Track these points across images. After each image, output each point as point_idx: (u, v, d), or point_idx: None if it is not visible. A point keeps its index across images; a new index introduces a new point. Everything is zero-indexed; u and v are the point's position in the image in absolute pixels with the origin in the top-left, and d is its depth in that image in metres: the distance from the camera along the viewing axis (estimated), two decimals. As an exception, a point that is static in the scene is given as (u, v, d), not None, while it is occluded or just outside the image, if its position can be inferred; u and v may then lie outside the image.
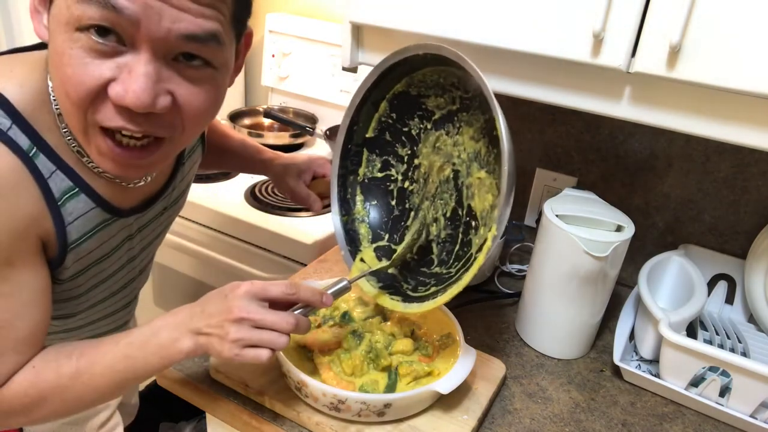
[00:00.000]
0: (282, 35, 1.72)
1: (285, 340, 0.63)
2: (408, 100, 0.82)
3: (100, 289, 0.75)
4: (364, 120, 0.84)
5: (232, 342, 0.61)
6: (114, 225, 0.69)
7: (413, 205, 0.85)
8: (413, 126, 0.83)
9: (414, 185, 0.85)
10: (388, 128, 0.85)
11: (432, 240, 0.82)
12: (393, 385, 0.75)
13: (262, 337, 0.62)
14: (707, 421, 0.83)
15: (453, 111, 0.79)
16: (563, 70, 0.78)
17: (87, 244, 0.66)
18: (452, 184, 0.80)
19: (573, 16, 0.72)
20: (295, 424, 0.74)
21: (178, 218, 1.37)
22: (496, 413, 0.80)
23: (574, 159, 1.15)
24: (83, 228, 0.65)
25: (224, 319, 0.61)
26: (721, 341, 0.92)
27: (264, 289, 0.64)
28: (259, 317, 0.62)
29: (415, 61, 0.76)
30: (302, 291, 0.67)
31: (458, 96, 0.78)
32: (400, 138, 0.84)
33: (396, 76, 0.80)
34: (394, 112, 0.83)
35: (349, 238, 0.86)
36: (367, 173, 0.87)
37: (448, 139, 0.80)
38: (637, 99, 0.74)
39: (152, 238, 0.81)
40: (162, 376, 0.80)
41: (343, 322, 0.84)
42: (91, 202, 0.65)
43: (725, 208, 1.04)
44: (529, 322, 0.95)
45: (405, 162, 0.85)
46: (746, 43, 0.64)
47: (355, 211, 0.87)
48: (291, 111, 1.78)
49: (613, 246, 0.82)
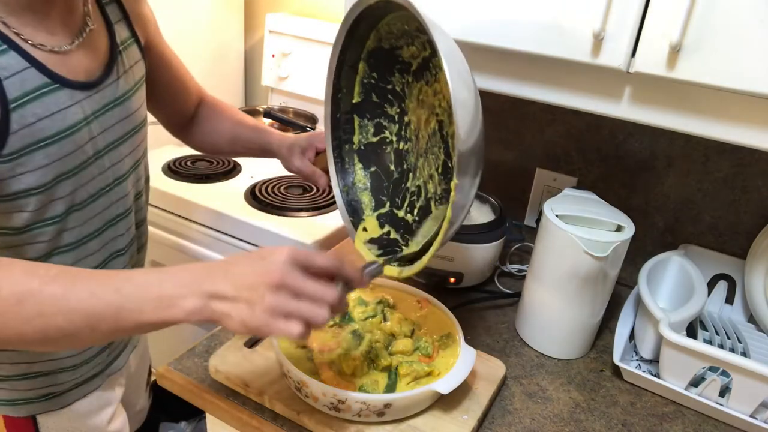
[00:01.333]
0: (282, 35, 1.72)
1: (325, 315, 0.56)
2: (384, 55, 0.79)
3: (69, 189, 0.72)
4: (347, 86, 0.82)
5: (266, 309, 0.54)
6: (60, 93, 0.68)
7: (411, 165, 0.83)
8: (396, 82, 0.81)
9: (408, 144, 0.83)
10: (372, 89, 0.82)
11: (430, 198, 0.80)
12: (393, 385, 0.75)
13: (301, 308, 0.55)
14: (707, 421, 0.83)
15: (426, 57, 0.76)
16: (563, 70, 0.78)
17: (32, 107, 0.65)
18: (438, 136, 0.77)
19: (573, 16, 0.72)
20: (295, 424, 0.74)
21: (178, 218, 1.38)
22: (496, 413, 0.80)
23: (574, 159, 1.15)
24: (21, 87, 0.64)
25: (261, 281, 0.54)
26: (721, 341, 0.92)
27: (309, 257, 0.58)
28: (303, 285, 0.55)
29: (372, 11, 0.72)
30: (348, 269, 0.61)
31: (426, 40, 0.74)
32: (387, 97, 0.82)
33: (362, 33, 0.77)
34: (374, 72, 0.81)
35: (352, 209, 0.85)
36: (362, 140, 0.85)
37: (428, 89, 0.78)
38: (637, 99, 0.74)
39: (114, 137, 0.77)
40: (162, 376, 0.80)
41: (343, 322, 0.84)
42: (23, 60, 0.64)
43: (725, 208, 1.04)
44: (529, 322, 0.95)
45: (396, 121, 0.83)
46: (746, 43, 0.64)
47: (356, 180, 0.86)
48: (291, 111, 1.78)
49: (613, 246, 0.82)
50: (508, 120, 1.18)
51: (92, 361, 0.84)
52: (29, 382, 0.79)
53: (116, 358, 0.90)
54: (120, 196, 0.81)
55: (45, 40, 0.67)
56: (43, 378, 0.80)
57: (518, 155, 1.20)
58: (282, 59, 1.73)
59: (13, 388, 0.79)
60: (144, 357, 1.05)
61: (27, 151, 0.66)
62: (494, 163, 1.23)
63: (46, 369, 0.79)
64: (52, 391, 0.81)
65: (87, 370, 0.84)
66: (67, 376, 0.82)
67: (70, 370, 0.82)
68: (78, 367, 0.82)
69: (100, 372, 0.87)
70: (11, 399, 0.80)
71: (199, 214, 1.35)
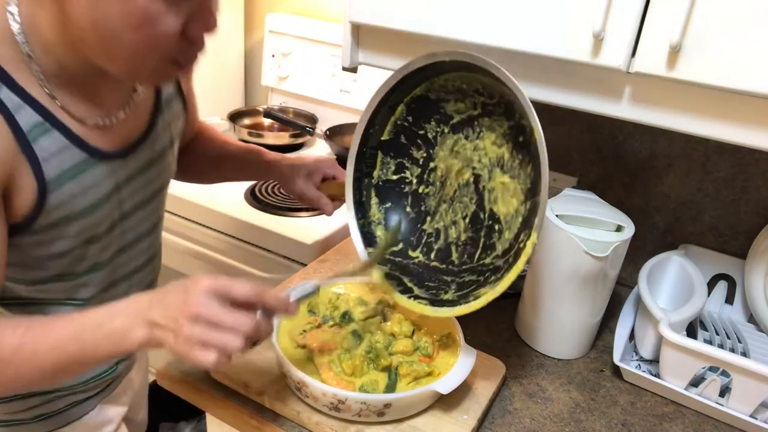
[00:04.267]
0: (282, 35, 1.72)
1: (239, 344, 0.58)
2: (426, 104, 0.81)
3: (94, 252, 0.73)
4: (380, 123, 0.84)
5: (184, 339, 0.57)
6: (97, 169, 0.67)
7: (429, 208, 0.85)
8: (429, 129, 0.83)
9: (430, 188, 0.85)
10: (403, 131, 0.84)
11: (451, 243, 0.82)
12: (393, 385, 0.75)
13: (213, 339, 0.57)
14: (707, 421, 0.83)
15: (473, 116, 0.79)
16: (563, 70, 0.78)
17: (69, 186, 0.64)
18: (472, 188, 0.80)
19: (573, 16, 0.72)
20: (295, 424, 0.74)
21: (178, 218, 1.38)
22: (496, 413, 0.80)
23: (574, 159, 1.15)
24: (61, 166, 0.63)
25: (180, 313, 0.58)
26: (721, 341, 0.92)
27: (227, 288, 0.59)
28: (217, 318, 0.58)
29: (438, 66, 0.75)
30: (267, 297, 0.62)
31: (480, 102, 0.78)
32: (416, 141, 0.84)
33: (416, 80, 0.79)
34: (410, 116, 0.83)
35: (367, 241, 0.86)
36: (381, 176, 0.87)
37: (467, 143, 0.80)
38: (637, 99, 0.74)
39: (143, 197, 0.77)
40: (162, 376, 0.80)
41: (343, 322, 0.84)
42: (65, 139, 0.63)
43: (725, 208, 1.04)
44: (529, 322, 0.95)
45: (420, 165, 0.85)
46: (746, 43, 0.64)
47: (371, 214, 0.87)
48: (291, 111, 1.78)
49: (613, 246, 0.82)
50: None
51: (92, 382, 0.83)
52: (26, 402, 0.78)
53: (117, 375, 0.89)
54: (141, 251, 0.81)
55: (90, 112, 0.66)
56: (40, 397, 0.78)
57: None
58: (282, 59, 1.73)
59: (11, 411, 0.77)
60: (146, 371, 1.04)
61: (58, 226, 0.66)
62: (494, 163, 1.23)
63: (44, 391, 0.78)
64: (50, 410, 0.80)
65: (89, 388, 0.83)
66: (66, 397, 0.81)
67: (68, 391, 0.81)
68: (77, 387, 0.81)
69: (101, 390, 0.86)
70: (9, 420, 0.78)
71: (199, 214, 1.35)
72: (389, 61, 0.91)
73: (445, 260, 0.83)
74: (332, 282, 0.78)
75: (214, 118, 1.72)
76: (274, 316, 0.64)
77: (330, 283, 0.78)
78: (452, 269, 0.81)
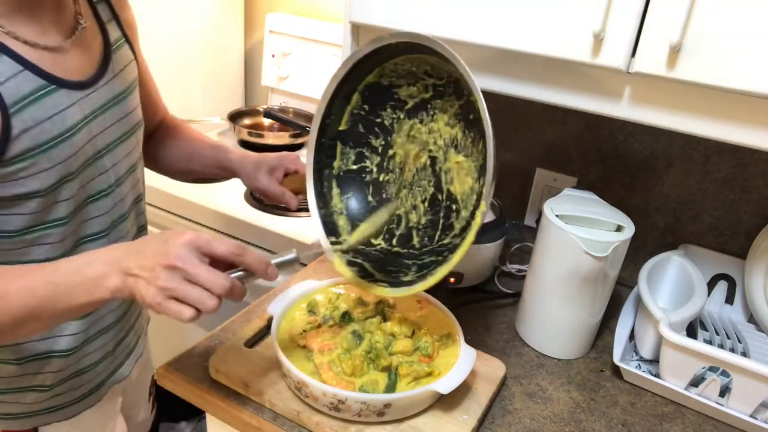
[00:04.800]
0: (282, 35, 1.72)
1: (214, 304, 0.58)
2: (380, 90, 0.81)
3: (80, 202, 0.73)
4: (337, 113, 0.84)
5: (158, 289, 0.57)
6: (58, 96, 0.68)
7: (390, 195, 0.85)
8: (386, 116, 0.83)
9: (390, 175, 0.85)
10: (360, 120, 0.84)
11: (412, 227, 0.83)
12: (393, 385, 0.75)
13: (190, 293, 0.57)
14: (707, 421, 0.83)
15: (426, 99, 0.79)
16: (563, 70, 0.78)
17: (32, 111, 0.65)
18: (429, 171, 0.80)
19: (573, 16, 0.72)
20: (295, 424, 0.74)
21: (178, 218, 1.38)
22: (496, 413, 0.80)
23: (574, 159, 1.15)
24: (18, 90, 0.64)
25: (157, 262, 0.57)
26: (721, 341, 0.92)
27: (208, 243, 0.60)
28: (194, 271, 0.58)
29: (386, 50, 0.75)
30: (248, 255, 0.63)
31: (431, 84, 0.78)
32: (373, 129, 0.84)
33: (367, 67, 0.79)
34: (366, 104, 0.83)
35: (329, 230, 0.85)
36: (342, 166, 0.87)
37: (422, 127, 0.80)
38: (637, 99, 0.74)
39: (114, 137, 0.78)
40: (162, 376, 0.80)
41: (343, 322, 0.84)
42: (17, 64, 0.64)
43: (725, 208, 1.04)
44: (529, 322, 0.95)
45: (379, 153, 0.85)
46: (746, 43, 0.64)
47: (333, 204, 0.87)
48: (291, 111, 1.78)
49: (613, 246, 0.82)
50: (508, 120, 1.18)
51: (94, 369, 0.83)
52: (33, 395, 0.78)
53: (120, 366, 0.89)
54: (120, 198, 0.81)
55: (38, 39, 0.67)
56: (47, 391, 0.79)
57: (518, 155, 1.20)
58: (282, 59, 1.74)
59: (17, 401, 0.78)
60: (146, 366, 1.03)
61: (29, 155, 0.65)
62: (494, 163, 1.23)
63: (49, 382, 0.78)
64: (57, 403, 0.81)
65: (91, 378, 0.83)
66: (70, 385, 0.81)
67: (73, 378, 0.81)
68: (80, 375, 0.82)
69: (104, 381, 0.86)
70: (14, 413, 0.79)
71: (199, 214, 1.35)
72: (389, 61, 0.91)
73: (407, 245, 0.83)
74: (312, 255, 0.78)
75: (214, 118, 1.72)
76: (252, 278, 0.64)
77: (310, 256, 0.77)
78: (413, 252, 0.81)
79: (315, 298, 0.89)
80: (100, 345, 0.83)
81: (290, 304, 0.86)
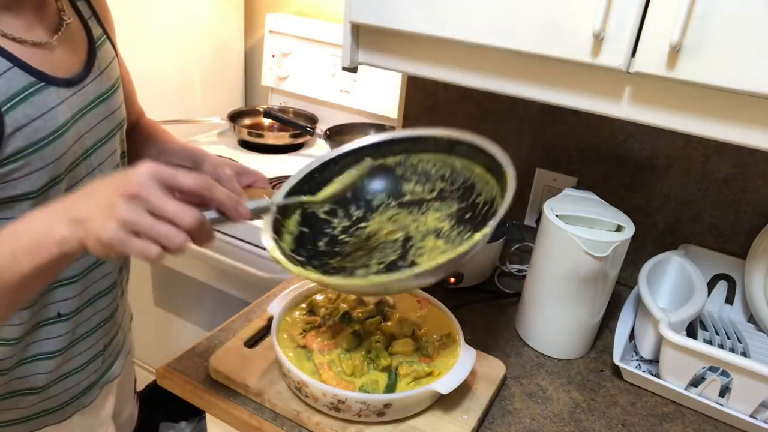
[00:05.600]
0: (282, 35, 1.72)
1: (182, 240, 0.52)
2: (389, 175, 0.81)
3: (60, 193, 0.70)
4: (341, 166, 0.81)
5: (120, 222, 0.50)
6: (47, 93, 0.67)
7: (343, 252, 0.79)
8: (378, 198, 0.81)
9: (351, 239, 0.80)
10: (354, 188, 0.82)
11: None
12: (393, 385, 0.75)
13: (155, 227, 0.51)
14: (707, 421, 0.83)
15: (426, 199, 0.78)
16: (563, 70, 0.78)
17: (23, 108, 0.64)
18: (400, 244, 0.76)
19: (573, 16, 0.72)
20: (295, 424, 0.74)
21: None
22: (496, 413, 0.80)
23: (574, 159, 1.15)
24: (9, 87, 0.63)
25: (116, 193, 0.51)
26: (721, 341, 0.92)
27: (173, 176, 0.53)
28: (159, 202, 0.51)
29: (426, 142, 0.76)
30: (218, 190, 0.56)
31: (439, 188, 0.77)
32: (359, 201, 0.82)
33: (397, 149, 0.80)
34: (368, 179, 0.82)
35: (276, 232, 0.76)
36: (313, 207, 0.81)
37: (408, 216, 0.79)
38: (637, 99, 0.74)
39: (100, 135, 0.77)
40: (162, 376, 0.80)
41: (343, 322, 0.84)
42: (6, 61, 0.63)
43: (725, 208, 1.04)
44: (529, 322, 0.95)
45: (352, 221, 0.81)
46: (746, 43, 0.64)
47: (287, 222, 0.79)
48: (291, 111, 1.78)
49: (613, 246, 0.82)
50: (508, 120, 1.18)
51: (85, 369, 0.83)
52: (26, 399, 0.77)
53: (111, 366, 0.89)
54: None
55: (25, 35, 0.67)
56: (40, 392, 0.78)
57: (518, 155, 1.20)
58: (282, 59, 1.74)
59: (10, 408, 0.77)
60: (130, 362, 1.02)
61: (23, 155, 0.65)
62: (494, 163, 1.23)
63: (41, 383, 0.78)
64: (50, 406, 0.80)
65: (82, 378, 0.83)
66: (62, 386, 0.81)
67: (64, 379, 0.80)
68: (72, 376, 0.81)
69: (95, 382, 0.86)
70: (9, 420, 0.78)
71: (199, 214, 1.35)
72: (389, 61, 0.91)
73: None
74: (285, 202, 0.74)
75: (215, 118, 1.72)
76: (223, 221, 0.59)
77: (282, 202, 0.73)
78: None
79: (315, 298, 0.89)
80: (89, 345, 0.83)
81: (290, 304, 0.86)
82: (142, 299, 1.59)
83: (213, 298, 1.44)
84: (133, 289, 1.60)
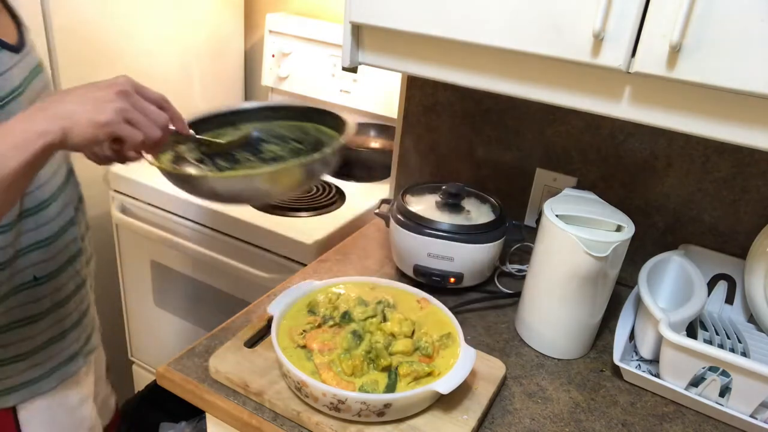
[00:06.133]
0: (282, 35, 1.72)
1: (159, 134, 0.64)
2: (251, 139, 0.88)
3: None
4: (217, 126, 0.88)
5: (115, 108, 0.60)
6: (2, 54, 0.70)
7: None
8: (241, 155, 0.87)
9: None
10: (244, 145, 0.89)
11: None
12: (393, 385, 0.75)
13: (140, 119, 0.62)
14: (707, 421, 0.83)
15: (281, 156, 0.86)
16: (563, 70, 0.78)
17: None
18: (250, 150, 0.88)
19: (573, 16, 0.72)
20: (295, 424, 0.74)
21: (178, 218, 1.38)
22: (496, 413, 0.80)
23: (574, 159, 1.15)
24: None
25: (108, 88, 0.60)
26: (721, 341, 0.92)
27: (142, 87, 0.65)
28: (143, 103, 0.63)
29: (285, 110, 0.88)
30: (172, 107, 0.69)
31: (294, 147, 0.88)
32: (228, 155, 0.87)
33: (261, 116, 0.89)
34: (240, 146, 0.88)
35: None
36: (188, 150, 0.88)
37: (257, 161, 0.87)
38: (637, 99, 0.74)
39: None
40: (162, 376, 0.80)
41: (343, 322, 0.84)
42: None
43: (725, 208, 1.04)
44: (529, 322, 0.95)
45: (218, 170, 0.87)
46: (746, 43, 0.64)
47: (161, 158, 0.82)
48: (291, 111, 1.78)
49: (613, 246, 0.82)
50: (508, 120, 1.18)
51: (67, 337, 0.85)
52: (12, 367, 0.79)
53: (90, 337, 0.92)
54: (56, 166, 0.82)
55: None
56: (26, 359, 0.80)
57: (518, 155, 1.20)
58: (282, 59, 1.73)
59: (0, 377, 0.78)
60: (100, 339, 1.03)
61: None
62: (494, 163, 1.23)
63: (23, 350, 0.79)
64: (35, 375, 0.82)
65: (65, 346, 0.85)
66: (47, 354, 0.82)
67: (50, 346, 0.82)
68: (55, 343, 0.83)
69: (78, 351, 0.88)
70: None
71: (200, 214, 1.35)
72: (389, 61, 0.91)
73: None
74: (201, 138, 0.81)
75: (214, 118, 1.72)
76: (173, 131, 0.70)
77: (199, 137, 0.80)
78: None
79: (315, 298, 0.89)
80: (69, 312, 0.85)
81: (290, 304, 0.86)
82: (142, 299, 1.59)
83: (213, 298, 1.44)
84: (133, 289, 1.60)
